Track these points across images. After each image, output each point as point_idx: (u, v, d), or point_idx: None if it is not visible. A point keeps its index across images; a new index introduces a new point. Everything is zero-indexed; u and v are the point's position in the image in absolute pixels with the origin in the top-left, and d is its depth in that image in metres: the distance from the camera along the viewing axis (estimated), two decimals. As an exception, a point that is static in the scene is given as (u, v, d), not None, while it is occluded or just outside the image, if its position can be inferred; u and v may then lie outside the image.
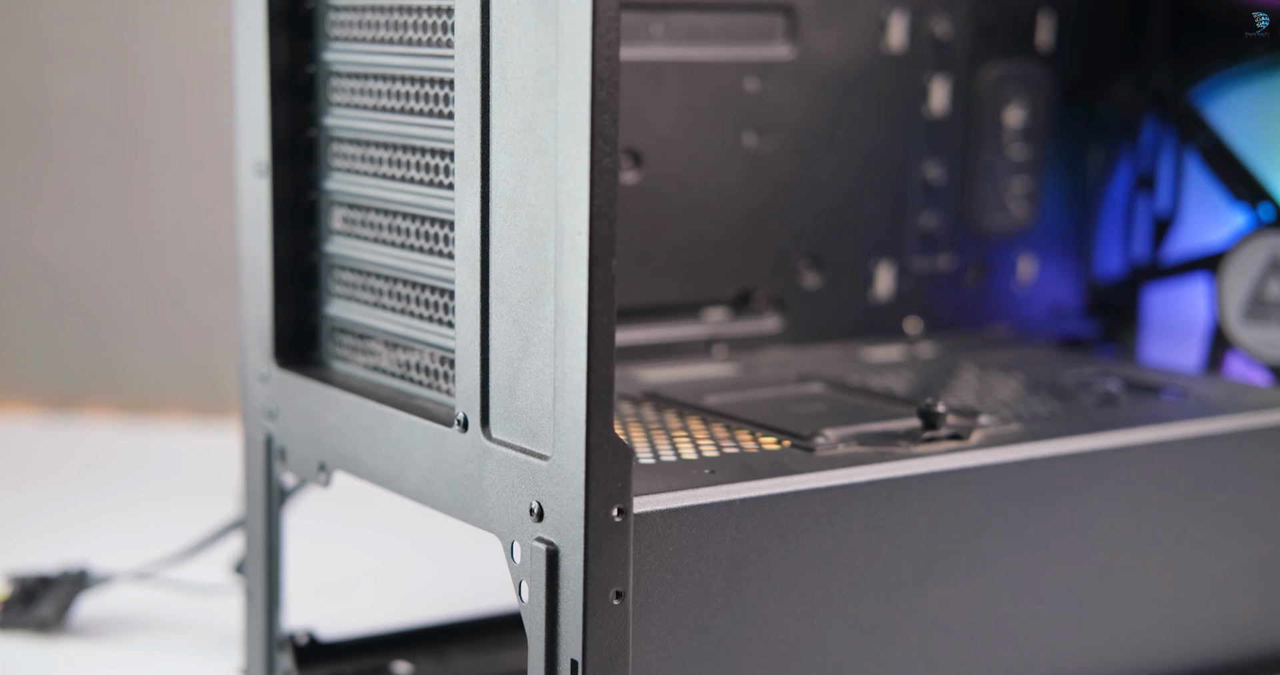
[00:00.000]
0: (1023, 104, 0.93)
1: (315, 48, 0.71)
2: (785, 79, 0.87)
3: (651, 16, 0.84)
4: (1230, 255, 0.86)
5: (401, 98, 0.67)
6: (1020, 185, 0.94)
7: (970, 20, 0.91)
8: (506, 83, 0.58)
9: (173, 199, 1.35)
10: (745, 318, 0.89)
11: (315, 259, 0.73)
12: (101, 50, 1.31)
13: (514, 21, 0.57)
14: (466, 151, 0.60)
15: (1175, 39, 0.90)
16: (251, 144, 0.72)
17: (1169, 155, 0.91)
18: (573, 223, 0.55)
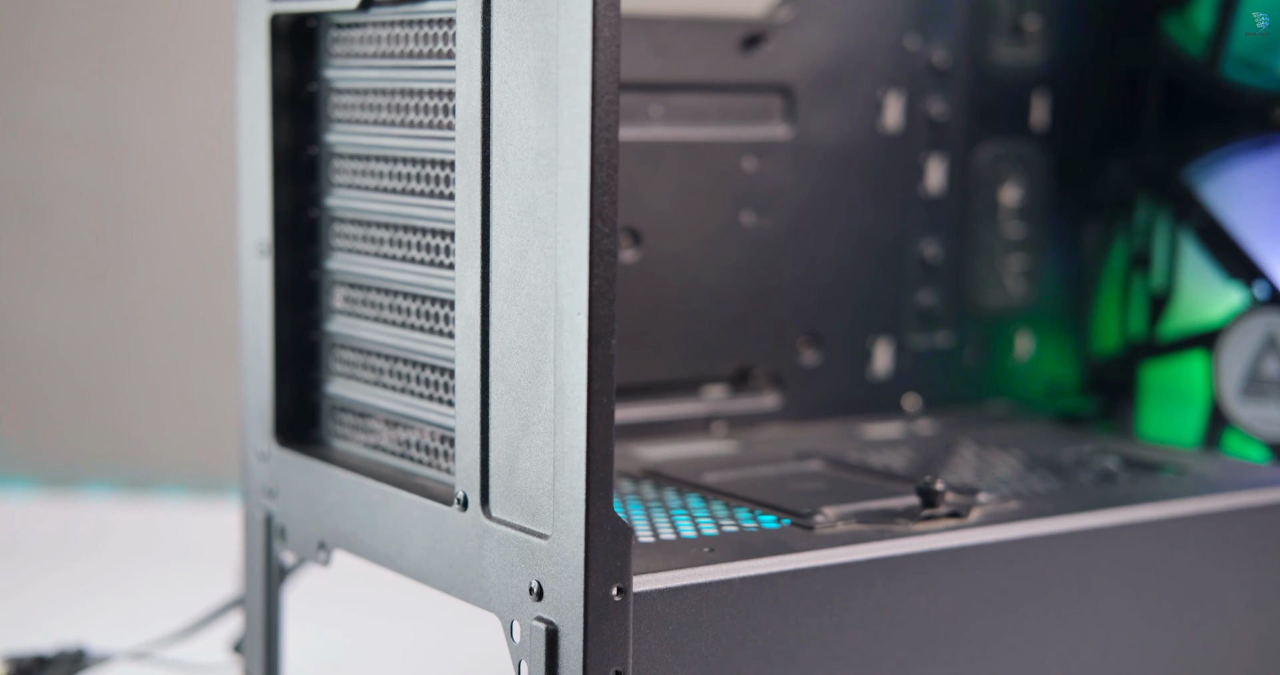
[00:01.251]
0: (1018, 183, 0.94)
1: (318, 129, 0.72)
2: (783, 158, 0.88)
3: (650, 97, 0.85)
4: (1226, 333, 0.87)
5: (403, 178, 0.68)
6: (1017, 263, 0.95)
7: (965, 101, 0.92)
8: (507, 164, 0.58)
9: (172, 277, 1.36)
10: (744, 395, 0.89)
11: (316, 338, 0.73)
12: (102, 131, 1.32)
13: (514, 104, 0.58)
14: (467, 232, 0.60)
15: (1168, 119, 0.91)
16: (254, 224, 0.73)
17: (1164, 233, 0.91)
18: (572, 303, 0.55)
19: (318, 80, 0.72)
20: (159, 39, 1.32)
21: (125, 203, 1.34)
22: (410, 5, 0.65)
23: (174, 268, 1.36)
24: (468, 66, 0.59)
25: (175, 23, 1.31)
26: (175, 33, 1.32)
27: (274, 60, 0.71)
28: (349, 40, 0.70)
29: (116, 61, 1.32)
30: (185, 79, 1.33)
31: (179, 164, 1.34)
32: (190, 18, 1.31)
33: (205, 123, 1.32)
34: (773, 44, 0.87)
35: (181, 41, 1.32)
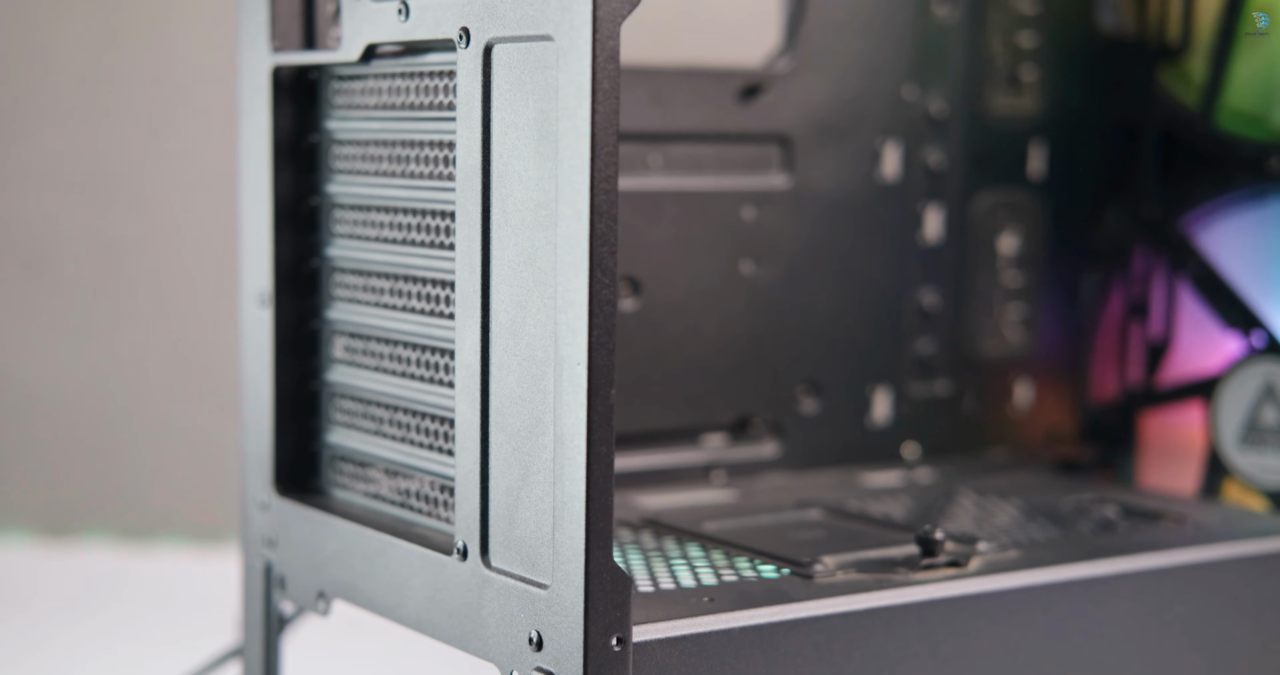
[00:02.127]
0: (1016, 232, 0.95)
1: (319, 180, 0.73)
2: (782, 208, 0.89)
3: (650, 147, 0.86)
4: (1224, 381, 0.87)
5: (403, 229, 0.68)
6: (1015, 311, 0.95)
7: (963, 150, 0.93)
8: (507, 215, 0.59)
9: (173, 327, 1.36)
10: (743, 443, 0.89)
11: (316, 387, 0.74)
12: (102, 180, 1.33)
13: (514, 156, 0.58)
14: (467, 282, 0.61)
15: (1165, 169, 0.92)
16: (255, 274, 0.73)
17: (1161, 282, 0.92)
18: (572, 353, 0.55)
19: (319, 131, 0.72)
20: (160, 89, 1.33)
21: (125, 252, 1.35)
22: (411, 58, 0.66)
23: (174, 317, 1.36)
24: (468, 118, 0.60)
25: (177, 73, 1.32)
26: (177, 83, 1.32)
27: (276, 111, 0.71)
28: (350, 92, 0.70)
29: (118, 111, 1.33)
30: (187, 129, 1.34)
31: (179, 214, 1.34)
32: (192, 68, 1.32)
33: (206, 173, 1.32)
34: (771, 94, 0.88)
35: (183, 92, 1.33)
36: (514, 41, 0.58)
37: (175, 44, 1.30)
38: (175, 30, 1.30)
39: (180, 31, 1.30)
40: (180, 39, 1.30)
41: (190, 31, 1.30)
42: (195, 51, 1.31)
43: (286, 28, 0.71)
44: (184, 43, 1.30)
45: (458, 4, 0.60)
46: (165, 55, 1.31)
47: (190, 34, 1.30)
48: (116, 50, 1.31)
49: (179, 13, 1.29)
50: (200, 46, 1.30)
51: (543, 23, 0.56)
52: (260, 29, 0.71)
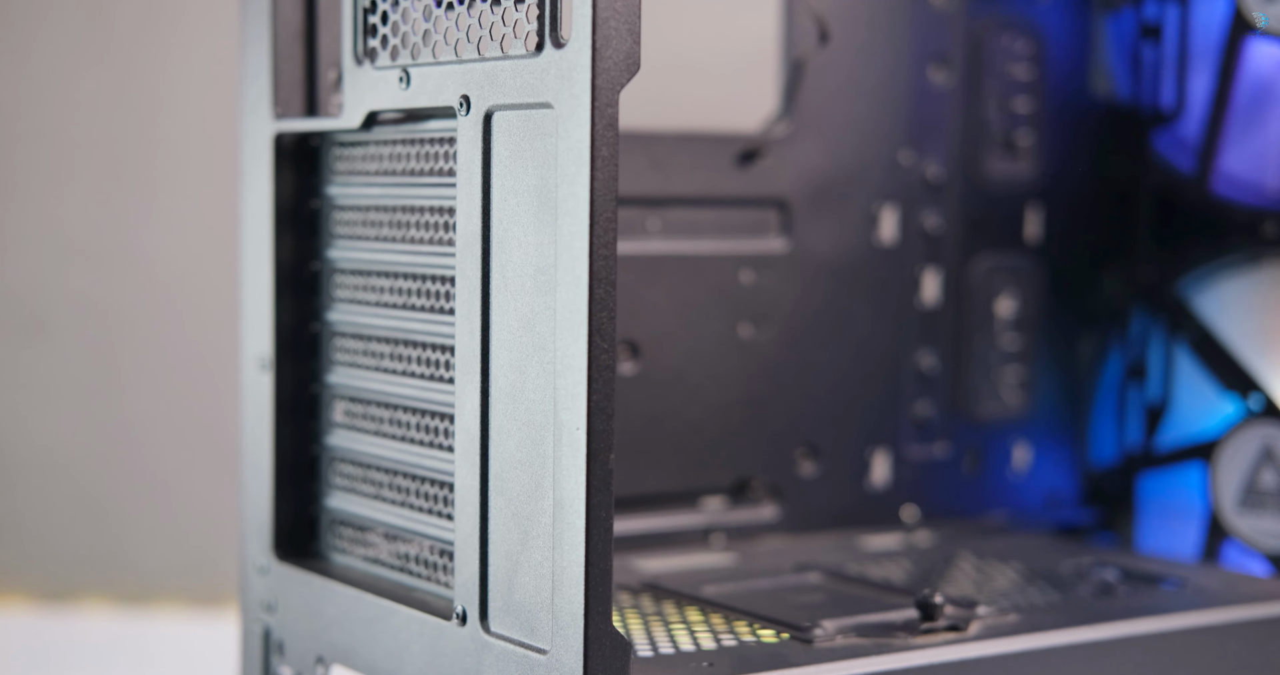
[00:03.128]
0: (1013, 295, 0.95)
1: (320, 245, 0.73)
2: (780, 271, 0.89)
3: (648, 211, 0.86)
4: (1223, 444, 0.87)
5: (403, 294, 0.68)
6: (1013, 374, 0.95)
7: (959, 214, 0.93)
8: (506, 280, 0.59)
9: (173, 391, 1.36)
10: (743, 506, 0.89)
11: (316, 452, 0.74)
12: (104, 245, 1.34)
13: (514, 222, 0.58)
14: (467, 347, 0.61)
15: (1161, 232, 0.92)
16: (255, 338, 0.73)
17: (1159, 345, 0.92)
18: (571, 417, 0.55)
19: (320, 197, 0.73)
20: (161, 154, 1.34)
21: (124, 316, 1.35)
22: (412, 124, 0.67)
23: (174, 381, 1.36)
24: (468, 184, 0.60)
25: (178, 138, 1.33)
26: (178, 148, 1.33)
27: (278, 178, 0.72)
28: (351, 158, 0.71)
29: (117, 175, 1.34)
30: (188, 194, 1.34)
31: (180, 278, 1.35)
32: (194, 134, 1.33)
33: (207, 237, 1.33)
34: (769, 159, 0.88)
35: (184, 157, 1.34)
36: (514, 109, 0.58)
37: (177, 109, 1.31)
38: (177, 96, 1.31)
39: (182, 97, 1.31)
40: (182, 104, 1.31)
41: (192, 97, 1.31)
42: (197, 117, 1.32)
43: (288, 95, 0.72)
44: (186, 108, 1.31)
45: (458, 72, 0.61)
46: (167, 120, 1.32)
47: (192, 99, 1.31)
48: (117, 115, 1.32)
49: (181, 78, 1.30)
50: (202, 112, 1.31)
51: (542, 91, 0.56)
52: (263, 96, 0.72)
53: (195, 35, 1.28)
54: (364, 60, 0.66)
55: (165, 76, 1.31)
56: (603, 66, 0.54)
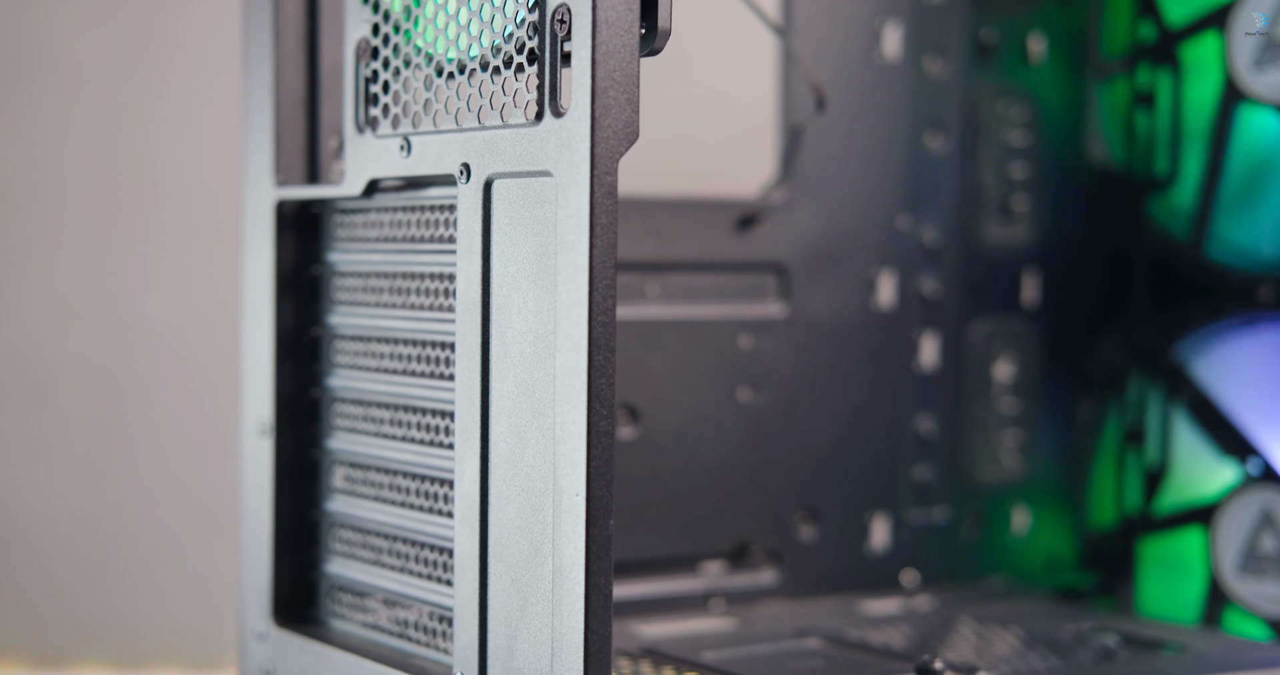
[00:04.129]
0: (1011, 359, 0.95)
1: (320, 311, 0.73)
2: (778, 336, 0.89)
3: (647, 276, 0.87)
4: (1222, 508, 0.87)
5: (404, 360, 0.69)
6: (1012, 438, 0.95)
7: (957, 279, 0.94)
8: (506, 347, 0.59)
9: (173, 456, 1.36)
10: (742, 571, 0.89)
11: (316, 517, 0.74)
12: (104, 309, 1.34)
13: (514, 288, 0.59)
14: (466, 413, 0.61)
15: (1157, 297, 0.93)
16: (256, 404, 0.74)
17: (1156, 409, 0.92)
18: (570, 484, 0.56)
19: (321, 263, 0.73)
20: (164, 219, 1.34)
21: (125, 380, 1.35)
22: (413, 192, 0.67)
23: (174, 446, 1.36)
24: (468, 251, 0.61)
25: (180, 204, 1.34)
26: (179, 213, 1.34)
27: (279, 245, 0.72)
28: (353, 225, 0.71)
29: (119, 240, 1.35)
30: (190, 259, 1.35)
31: (181, 343, 1.35)
32: (196, 200, 1.34)
33: (209, 303, 1.33)
34: (767, 225, 0.89)
35: (186, 221, 1.34)
36: (514, 177, 0.59)
37: (178, 175, 1.32)
38: (179, 161, 1.32)
39: (184, 162, 1.32)
40: (184, 170, 1.32)
41: (193, 161, 1.32)
42: (198, 181, 1.33)
43: (290, 163, 0.73)
44: (187, 173, 1.32)
45: (459, 141, 0.61)
46: (167, 184, 1.33)
47: (193, 163, 1.32)
48: (117, 178, 1.33)
49: (183, 144, 1.31)
50: (204, 177, 1.32)
51: (542, 159, 0.57)
52: (265, 164, 0.73)
53: (196, 99, 1.29)
54: (365, 129, 0.67)
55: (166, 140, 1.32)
56: (602, 136, 0.55)
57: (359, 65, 0.67)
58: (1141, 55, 0.93)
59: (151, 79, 1.29)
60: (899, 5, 0.92)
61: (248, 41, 0.74)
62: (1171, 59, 0.91)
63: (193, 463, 1.36)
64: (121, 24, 1.26)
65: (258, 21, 0.73)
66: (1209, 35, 0.89)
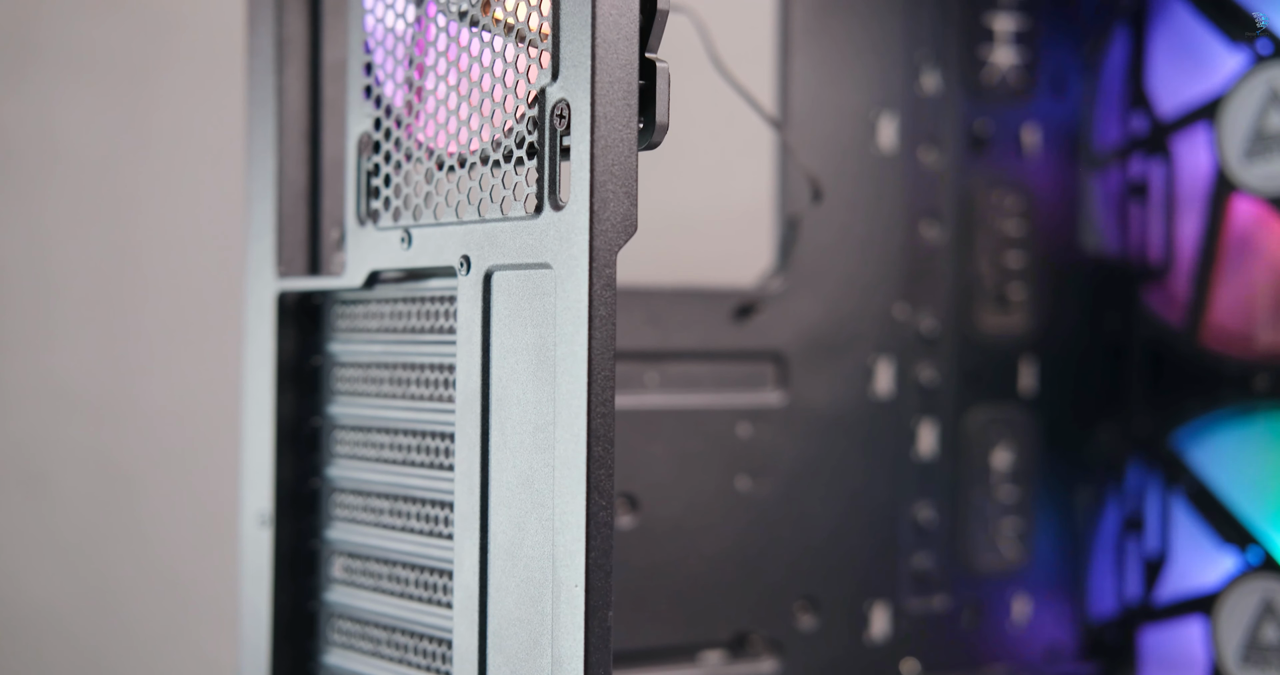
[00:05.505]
0: (1009, 447, 0.96)
1: (320, 401, 0.74)
2: (777, 424, 0.90)
3: (646, 365, 0.87)
4: (1223, 597, 0.87)
5: (403, 450, 0.69)
6: (1010, 526, 0.95)
7: (954, 367, 0.94)
8: (505, 437, 0.60)
9: (171, 546, 1.36)
10: (742, 660, 0.89)
11: (314, 608, 0.74)
12: (108, 399, 1.34)
13: (513, 379, 0.59)
14: (466, 503, 0.61)
15: (1153, 385, 0.93)
16: (255, 495, 0.74)
17: (1155, 498, 0.92)
18: (569, 575, 0.56)
19: (322, 354, 0.74)
20: (163, 308, 1.35)
21: (125, 471, 1.35)
22: (413, 283, 0.68)
23: (173, 537, 1.36)
24: (468, 342, 0.61)
25: (179, 293, 1.35)
26: (181, 304, 1.35)
27: (280, 335, 0.73)
28: (353, 315, 0.72)
29: (120, 330, 1.35)
30: (189, 349, 1.35)
31: (181, 433, 1.35)
32: (195, 289, 1.34)
33: (209, 392, 1.34)
34: (765, 314, 0.89)
35: (186, 312, 1.35)
36: (513, 269, 0.59)
37: (181, 266, 1.33)
38: (180, 252, 1.33)
39: (186, 254, 1.33)
40: (186, 261, 1.33)
41: (195, 254, 1.33)
42: (198, 271, 1.34)
43: (292, 254, 0.73)
44: (187, 262, 1.33)
45: (459, 233, 0.62)
46: (168, 275, 1.34)
47: (195, 257, 1.33)
48: (121, 270, 1.34)
49: (184, 235, 1.32)
50: (203, 266, 1.33)
51: (541, 252, 0.58)
52: (266, 255, 0.73)
53: (195, 187, 1.30)
54: (367, 221, 0.68)
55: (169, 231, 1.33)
56: (600, 228, 0.55)
57: (361, 158, 0.68)
58: (1134, 146, 0.94)
59: (150, 167, 1.30)
60: (894, 97, 0.93)
61: (251, 134, 0.75)
62: (1163, 150, 0.92)
63: (192, 553, 1.36)
64: (120, 111, 1.27)
65: (261, 114, 0.74)
66: (1200, 126, 0.90)
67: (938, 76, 0.94)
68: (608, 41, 0.55)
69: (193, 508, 1.36)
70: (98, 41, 1.25)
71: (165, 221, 1.33)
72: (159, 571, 1.37)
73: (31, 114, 1.26)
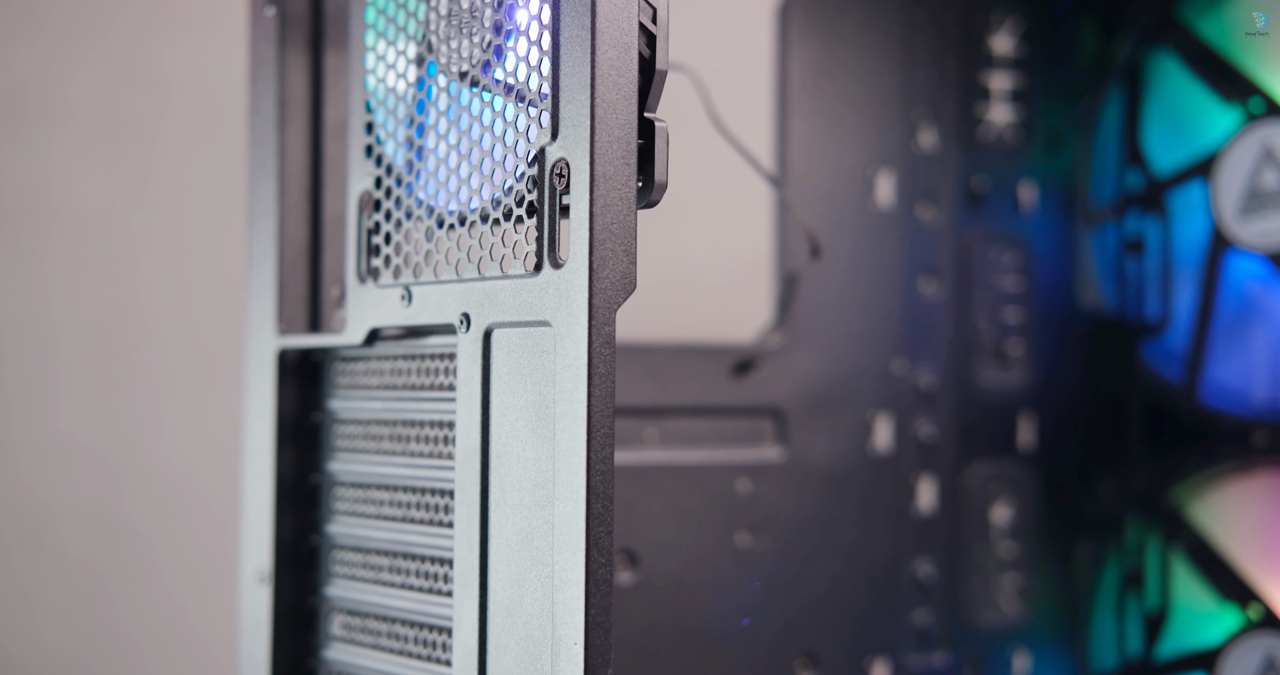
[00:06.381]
0: (1009, 502, 0.96)
1: (320, 458, 0.74)
2: (776, 480, 0.90)
3: (645, 421, 0.87)
4: (1224, 654, 0.87)
5: (403, 507, 0.69)
6: (1010, 582, 0.95)
7: (953, 422, 0.94)
8: (505, 494, 0.60)
9: (171, 602, 1.35)
10: (742, 719, 0.88)
11: (314, 665, 0.74)
12: (104, 454, 1.35)
13: (512, 436, 0.59)
14: (465, 560, 0.61)
15: (1152, 441, 0.93)
16: (255, 552, 0.74)
17: (1155, 553, 0.92)
18: (569, 632, 0.56)
19: (322, 411, 0.74)
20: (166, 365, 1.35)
21: (125, 527, 1.35)
22: (413, 340, 0.68)
23: (172, 593, 1.36)
24: (468, 399, 0.62)
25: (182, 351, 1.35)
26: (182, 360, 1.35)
27: (280, 392, 0.73)
28: (353, 372, 0.72)
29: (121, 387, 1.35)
30: (189, 406, 1.36)
31: (180, 489, 1.35)
32: (197, 347, 1.35)
33: (208, 449, 1.34)
34: (764, 369, 0.90)
35: (185, 368, 1.35)
36: (513, 326, 0.60)
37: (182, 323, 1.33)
38: (181, 309, 1.33)
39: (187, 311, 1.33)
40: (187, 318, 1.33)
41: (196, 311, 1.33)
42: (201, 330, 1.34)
43: (293, 312, 0.74)
44: (191, 322, 1.33)
45: (459, 291, 0.62)
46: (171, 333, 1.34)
47: (196, 313, 1.33)
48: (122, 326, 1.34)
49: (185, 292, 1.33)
50: (207, 326, 1.33)
51: (541, 309, 0.58)
52: (267, 312, 0.74)
53: (197, 248, 1.31)
54: (367, 278, 0.68)
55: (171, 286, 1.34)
56: (599, 286, 0.56)
57: (361, 217, 0.68)
58: (1130, 202, 0.94)
59: (151, 224, 1.31)
60: (891, 154, 0.94)
61: (253, 192, 0.75)
62: (1159, 206, 0.92)
63: (191, 609, 1.35)
64: (121, 169, 1.28)
65: (263, 173, 0.75)
66: (1195, 184, 0.90)
67: (935, 134, 0.94)
68: (607, 102, 0.56)
69: (194, 564, 1.36)
70: (99, 99, 1.26)
71: (166, 278, 1.33)
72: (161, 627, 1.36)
73: (33, 171, 1.27)
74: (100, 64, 1.26)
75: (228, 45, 1.17)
